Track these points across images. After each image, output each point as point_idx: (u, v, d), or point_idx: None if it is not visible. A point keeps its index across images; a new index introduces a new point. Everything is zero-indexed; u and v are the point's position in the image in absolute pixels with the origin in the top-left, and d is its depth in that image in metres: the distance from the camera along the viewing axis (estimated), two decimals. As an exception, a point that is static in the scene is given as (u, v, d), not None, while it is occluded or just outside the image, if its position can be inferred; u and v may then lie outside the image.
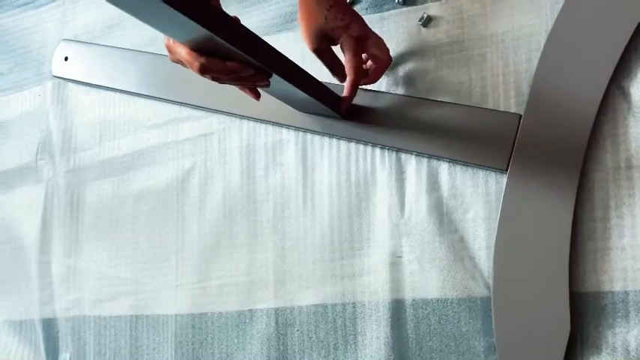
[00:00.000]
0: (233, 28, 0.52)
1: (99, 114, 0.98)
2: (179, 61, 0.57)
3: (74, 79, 1.00)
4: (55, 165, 1.01)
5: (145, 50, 0.93)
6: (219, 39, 0.50)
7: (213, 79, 0.57)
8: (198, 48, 0.53)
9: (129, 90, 0.94)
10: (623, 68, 0.65)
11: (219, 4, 0.62)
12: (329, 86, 0.72)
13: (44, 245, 0.99)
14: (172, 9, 0.43)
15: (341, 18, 0.65)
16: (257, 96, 0.65)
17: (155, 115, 0.93)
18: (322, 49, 0.67)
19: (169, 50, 0.57)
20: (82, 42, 1.00)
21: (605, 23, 0.65)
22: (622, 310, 0.62)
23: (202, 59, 0.54)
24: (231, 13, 0.89)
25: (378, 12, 0.78)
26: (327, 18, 0.65)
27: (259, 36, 0.73)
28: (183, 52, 0.54)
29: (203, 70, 0.55)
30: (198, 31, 0.48)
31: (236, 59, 0.55)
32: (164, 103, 0.92)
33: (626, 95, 0.65)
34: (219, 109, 0.86)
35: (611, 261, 0.63)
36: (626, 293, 0.62)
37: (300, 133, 0.81)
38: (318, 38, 0.66)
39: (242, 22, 0.87)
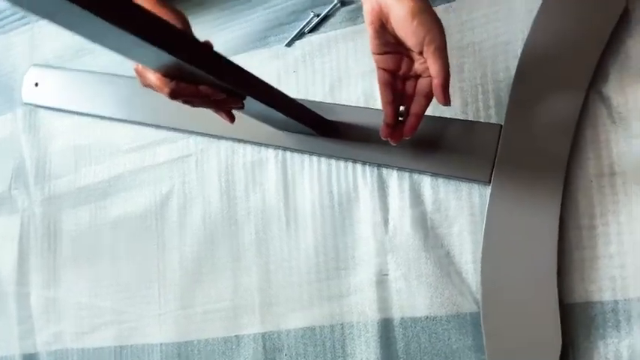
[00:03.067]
0: (203, 53, 0.50)
1: (73, 140, 0.96)
2: (150, 86, 0.55)
3: (45, 105, 0.97)
4: (29, 194, 0.98)
5: (117, 73, 0.91)
6: (189, 66, 0.48)
7: (185, 102, 0.56)
8: (168, 73, 0.52)
9: (102, 115, 0.91)
10: (601, 73, 0.64)
11: (189, 26, 0.60)
12: (305, 104, 0.71)
13: (22, 277, 0.96)
14: (139, 39, 0.41)
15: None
16: (231, 119, 0.63)
17: (131, 138, 0.91)
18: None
19: (139, 75, 0.55)
20: (52, 67, 0.98)
21: (580, 28, 0.65)
22: (612, 320, 0.61)
23: (173, 84, 0.52)
24: (203, 32, 0.87)
25: (352, 25, 0.77)
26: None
27: (233, 54, 0.70)
28: (153, 77, 0.52)
29: (174, 95, 0.53)
30: (167, 58, 0.46)
31: (208, 83, 0.53)
32: (139, 126, 0.90)
33: (605, 100, 0.64)
34: (195, 130, 0.84)
35: (599, 270, 0.62)
36: (616, 302, 0.61)
37: (280, 152, 0.79)
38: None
39: (215, 40, 0.86)
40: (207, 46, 0.54)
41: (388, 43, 0.56)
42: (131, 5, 0.40)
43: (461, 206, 0.69)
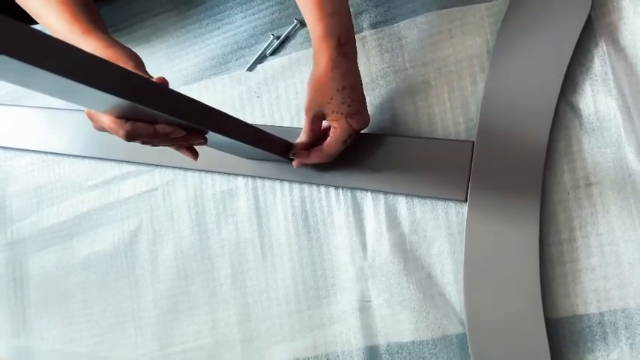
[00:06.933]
0: (156, 92, 0.47)
1: (33, 179, 0.91)
2: (103, 129, 0.52)
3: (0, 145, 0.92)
4: (-10, 240, 0.93)
5: (72, 108, 0.86)
6: (142, 107, 0.45)
7: (144, 143, 0.53)
8: (121, 115, 0.49)
9: (61, 152, 0.87)
10: (570, 84, 0.63)
11: (142, 63, 0.57)
12: (272, 130, 0.68)
13: (-11, 327, 0.92)
14: (85, 86, 0.38)
15: (348, 104, 0.61)
16: (195, 156, 0.60)
17: (93, 174, 0.87)
18: (315, 121, 0.64)
19: (91, 119, 0.52)
20: (4, 105, 0.93)
21: (546, 39, 0.64)
22: (600, 333, 0.60)
23: (128, 126, 0.49)
24: (162, 59, 0.84)
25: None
26: (333, 99, 0.60)
27: (193, 82, 0.66)
28: (106, 119, 0.49)
29: (131, 137, 0.50)
30: (117, 101, 0.43)
31: (165, 122, 0.50)
32: (101, 161, 0.86)
33: (576, 111, 0.63)
34: (159, 163, 0.81)
35: (582, 283, 0.61)
36: (602, 315, 0.60)
37: (250, 180, 0.77)
38: (316, 112, 0.62)
39: (172, 69, 0.83)
40: (161, 83, 0.51)
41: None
42: (71, 50, 0.37)
43: (438, 226, 0.67)
